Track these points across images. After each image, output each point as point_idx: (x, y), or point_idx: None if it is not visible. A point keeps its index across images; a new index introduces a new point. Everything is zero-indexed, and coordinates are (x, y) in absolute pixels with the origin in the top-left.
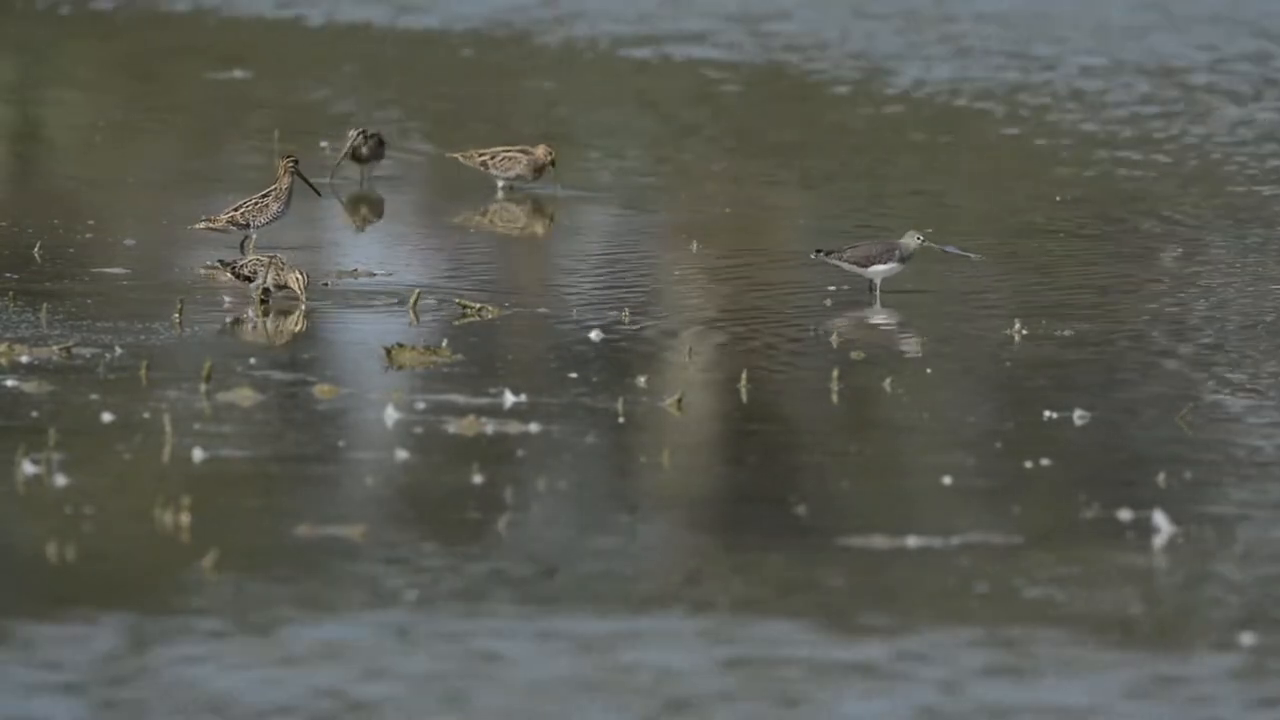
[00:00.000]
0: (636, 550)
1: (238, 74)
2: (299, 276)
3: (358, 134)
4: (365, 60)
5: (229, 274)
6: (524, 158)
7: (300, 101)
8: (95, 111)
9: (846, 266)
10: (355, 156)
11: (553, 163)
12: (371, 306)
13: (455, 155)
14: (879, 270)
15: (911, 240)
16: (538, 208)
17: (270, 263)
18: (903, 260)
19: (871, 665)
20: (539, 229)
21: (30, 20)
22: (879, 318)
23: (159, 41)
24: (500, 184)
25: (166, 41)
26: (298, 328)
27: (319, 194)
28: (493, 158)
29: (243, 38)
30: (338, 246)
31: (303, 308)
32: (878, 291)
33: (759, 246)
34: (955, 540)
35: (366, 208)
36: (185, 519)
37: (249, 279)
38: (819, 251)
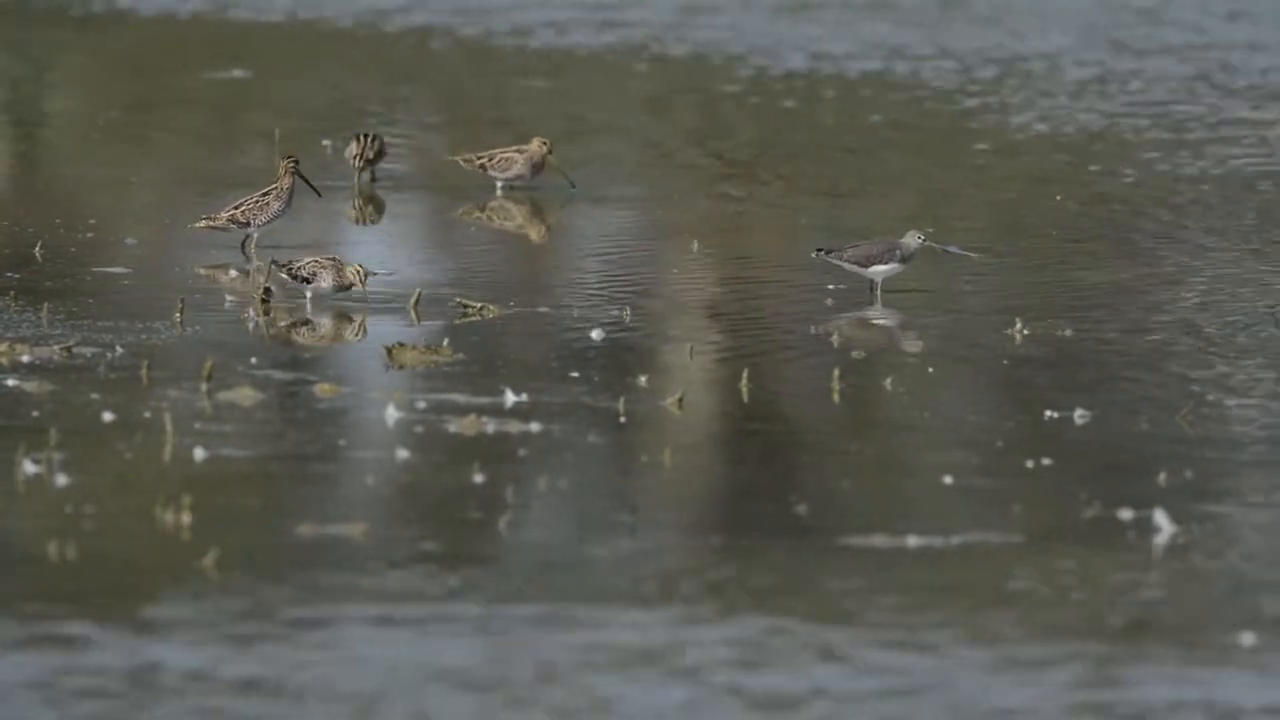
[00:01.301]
0: (636, 549)
1: (238, 74)
2: (357, 268)
3: (363, 141)
4: (365, 61)
5: (285, 275)
6: (520, 156)
7: (300, 101)
8: (95, 111)
9: (847, 266)
10: (362, 157)
11: (549, 152)
12: (373, 305)
13: (455, 159)
14: (880, 270)
15: (912, 240)
16: (537, 207)
17: (332, 264)
18: (904, 260)
19: (872, 664)
20: (539, 228)
21: (30, 20)
22: (879, 318)
23: (159, 41)
24: (499, 184)
25: (166, 41)
26: (355, 333)
27: (319, 194)
28: (490, 160)
29: (243, 38)
30: (339, 246)
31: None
32: (878, 291)
33: (759, 246)
34: (955, 540)
35: (368, 208)
36: (186, 519)
37: (307, 280)
38: (820, 250)
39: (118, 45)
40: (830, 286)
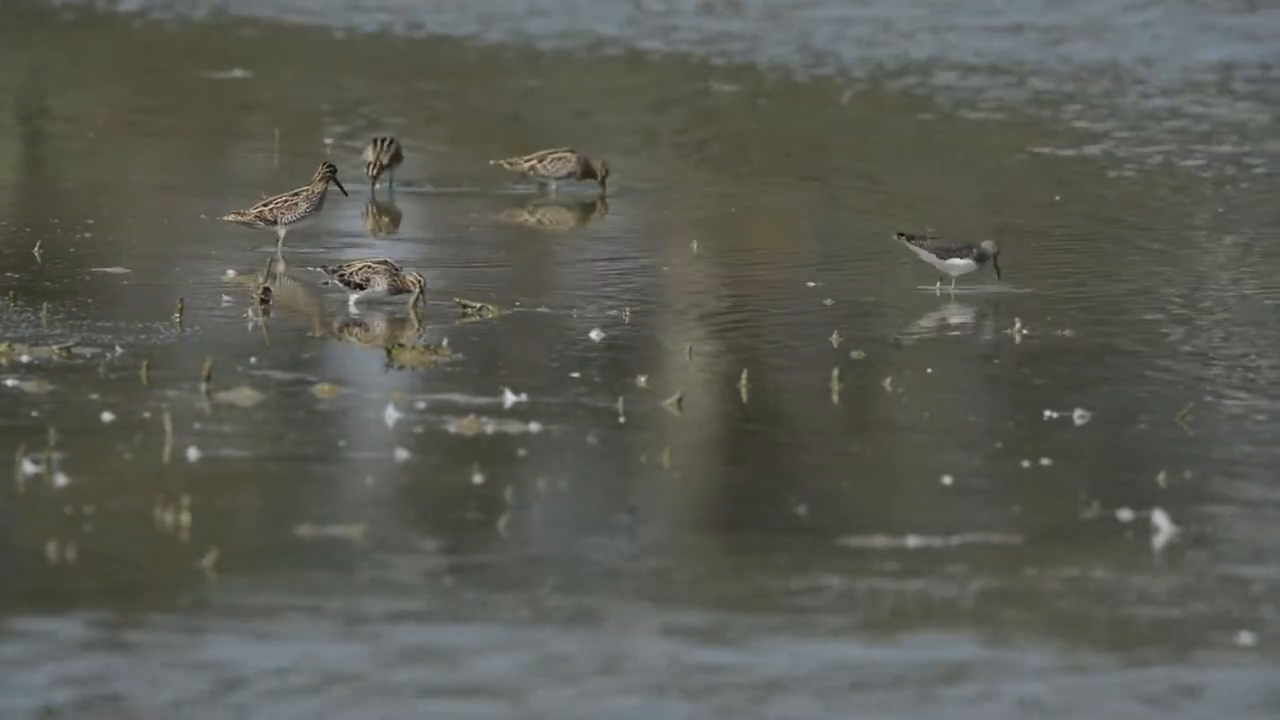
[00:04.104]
0: (635, 550)
1: (238, 74)
2: (417, 278)
3: (379, 146)
4: (365, 62)
5: (337, 281)
6: (573, 156)
7: (300, 101)
8: (96, 111)
9: (925, 255)
10: (377, 164)
11: (607, 174)
12: (372, 305)
13: (500, 163)
14: (958, 265)
15: (989, 246)
16: (538, 208)
17: (385, 269)
18: (979, 260)
19: (871, 665)
20: (539, 229)
21: (32, 20)
22: (880, 317)
23: (159, 42)
24: (552, 185)
25: (167, 42)
26: (418, 326)
27: (345, 193)
28: (540, 160)
29: (243, 38)
30: (341, 247)
31: (422, 306)
32: (952, 288)
33: (759, 246)
34: (955, 540)
35: (370, 209)
36: (185, 519)
37: (360, 286)
38: (902, 235)
39: (118, 45)
40: (812, 284)
